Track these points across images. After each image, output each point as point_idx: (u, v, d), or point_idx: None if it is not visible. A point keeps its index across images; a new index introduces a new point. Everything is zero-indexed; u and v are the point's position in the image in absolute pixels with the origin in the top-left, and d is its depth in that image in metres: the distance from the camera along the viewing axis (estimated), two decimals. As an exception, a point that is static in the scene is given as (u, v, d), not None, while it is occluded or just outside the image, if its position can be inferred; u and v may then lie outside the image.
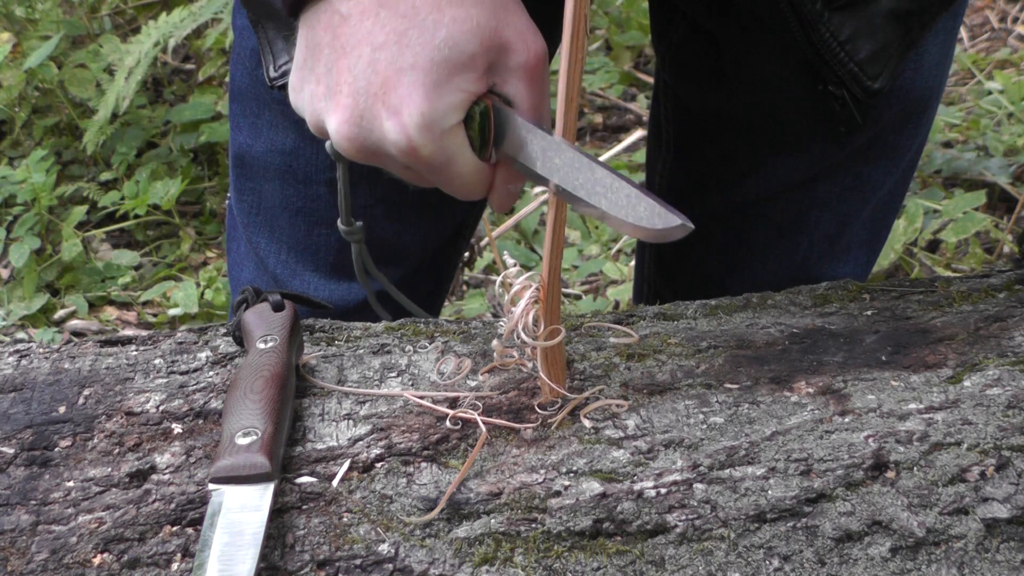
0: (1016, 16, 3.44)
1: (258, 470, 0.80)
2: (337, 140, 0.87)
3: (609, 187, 0.83)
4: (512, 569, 0.79)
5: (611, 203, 0.83)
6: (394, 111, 0.84)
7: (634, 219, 0.83)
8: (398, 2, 0.83)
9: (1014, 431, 0.87)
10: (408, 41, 0.83)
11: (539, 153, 0.86)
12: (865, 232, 1.33)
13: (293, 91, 0.90)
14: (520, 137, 0.86)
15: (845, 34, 1.08)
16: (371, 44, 0.83)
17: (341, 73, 0.85)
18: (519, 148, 0.87)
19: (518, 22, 0.86)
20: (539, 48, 0.87)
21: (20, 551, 0.80)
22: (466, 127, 0.86)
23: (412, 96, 0.83)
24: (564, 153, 0.84)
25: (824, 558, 0.80)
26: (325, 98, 0.86)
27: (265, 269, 1.28)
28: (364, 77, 0.84)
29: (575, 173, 0.84)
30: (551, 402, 0.92)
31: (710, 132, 1.30)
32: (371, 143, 0.86)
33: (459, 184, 0.89)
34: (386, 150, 0.86)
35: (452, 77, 0.84)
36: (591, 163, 0.84)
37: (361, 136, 0.86)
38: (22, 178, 2.64)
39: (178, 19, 2.70)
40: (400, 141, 0.85)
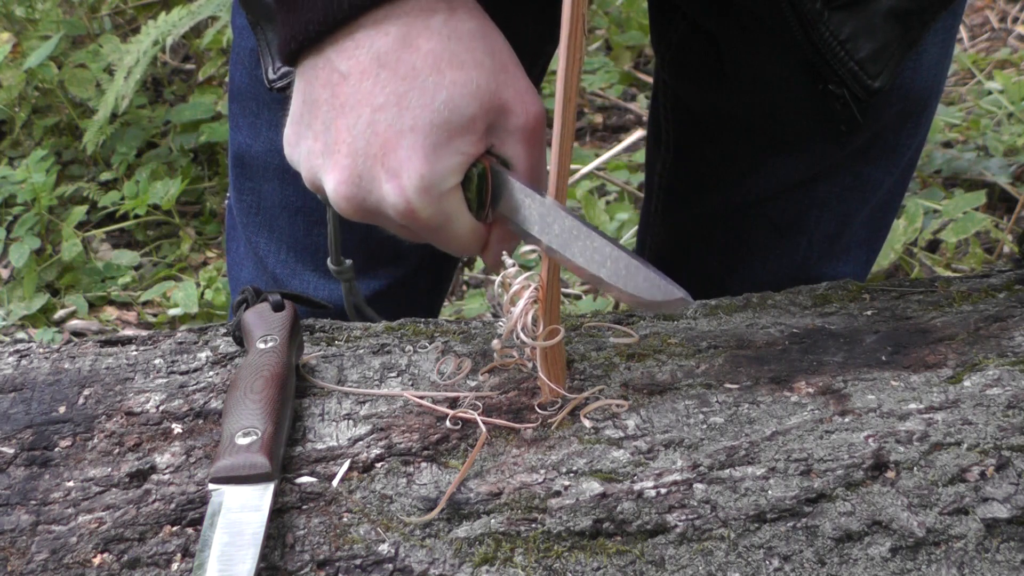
0: (1016, 16, 3.44)
1: (258, 470, 0.80)
2: (334, 199, 0.87)
3: (608, 256, 0.83)
4: (512, 569, 0.79)
5: (610, 272, 0.84)
6: (393, 173, 0.84)
7: (633, 289, 0.83)
8: (398, 63, 0.83)
9: (1014, 431, 0.87)
10: (408, 103, 0.83)
11: (536, 218, 0.86)
12: (865, 231, 1.33)
13: (288, 145, 0.90)
14: (517, 200, 0.87)
15: (845, 33, 1.08)
16: (371, 105, 0.83)
17: (340, 132, 0.84)
18: (515, 211, 0.87)
19: (517, 84, 0.86)
20: (538, 110, 0.87)
21: (20, 551, 0.80)
22: (463, 188, 0.87)
23: (411, 159, 0.83)
24: (562, 220, 0.85)
25: (824, 558, 0.80)
26: (322, 156, 0.86)
27: (265, 269, 1.29)
28: (363, 138, 0.84)
29: (573, 240, 0.84)
30: (551, 402, 0.92)
31: (710, 132, 1.30)
32: (369, 204, 0.86)
33: (455, 243, 0.90)
34: (384, 211, 0.86)
35: (451, 140, 0.84)
36: (589, 231, 0.84)
37: (359, 197, 0.86)
38: (22, 178, 2.64)
39: (177, 18, 2.71)
40: (399, 204, 0.85)
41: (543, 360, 0.91)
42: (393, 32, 0.82)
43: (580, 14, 0.80)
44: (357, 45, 0.83)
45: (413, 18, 0.83)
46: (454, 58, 0.83)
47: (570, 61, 0.81)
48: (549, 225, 0.85)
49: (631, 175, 2.74)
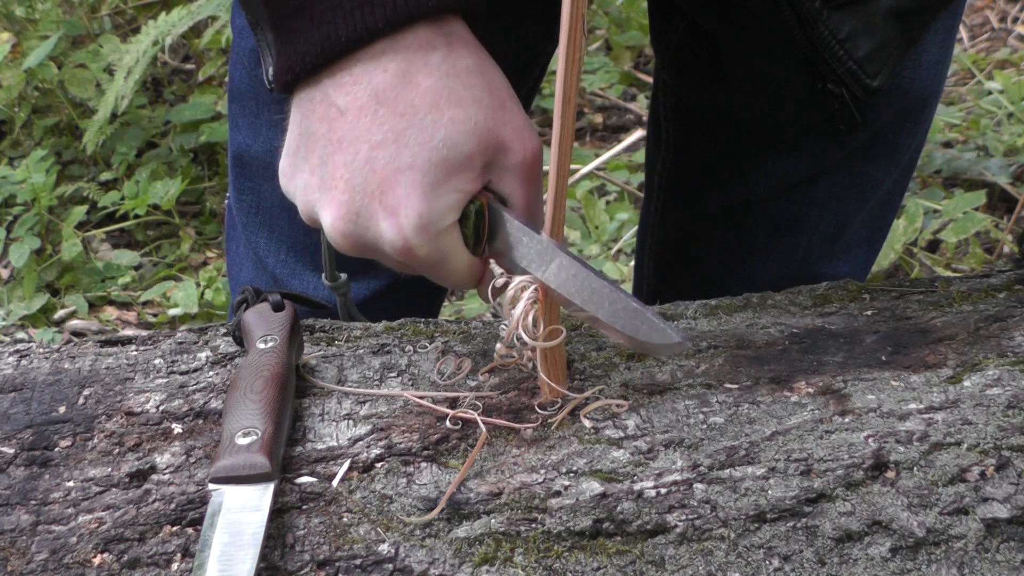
0: (1016, 16, 3.44)
1: (258, 470, 0.80)
2: (332, 235, 0.87)
3: (607, 297, 0.84)
4: (512, 569, 0.79)
5: (608, 314, 0.84)
6: (391, 211, 0.84)
7: (632, 332, 0.84)
8: (396, 100, 0.82)
9: (1014, 431, 0.87)
10: (406, 141, 0.82)
11: (534, 256, 0.86)
12: (865, 231, 1.33)
13: (284, 176, 0.89)
14: (514, 238, 0.87)
15: (844, 32, 1.08)
16: (369, 142, 0.83)
17: (337, 168, 0.84)
18: (512, 248, 0.87)
19: (515, 120, 0.86)
20: (535, 147, 0.87)
21: (20, 551, 0.80)
22: (460, 224, 0.87)
23: (410, 197, 0.83)
24: (559, 259, 0.85)
25: (824, 558, 0.80)
26: (319, 190, 0.86)
27: (264, 269, 1.28)
28: (361, 175, 0.83)
29: (571, 280, 0.85)
30: (551, 402, 0.92)
31: (710, 131, 1.30)
32: (366, 241, 0.86)
33: (451, 278, 0.90)
34: (381, 248, 0.86)
35: (450, 178, 0.84)
36: (588, 272, 0.84)
37: (356, 233, 0.86)
38: (22, 178, 2.64)
39: (177, 18, 2.71)
40: (396, 241, 0.85)
41: (543, 360, 0.91)
42: (392, 68, 0.82)
43: (580, 14, 0.80)
44: (355, 80, 0.83)
45: (412, 54, 0.82)
46: (452, 95, 0.83)
47: (569, 61, 0.81)
48: (547, 264, 0.86)
49: (631, 175, 2.74)
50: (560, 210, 0.87)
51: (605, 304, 0.84)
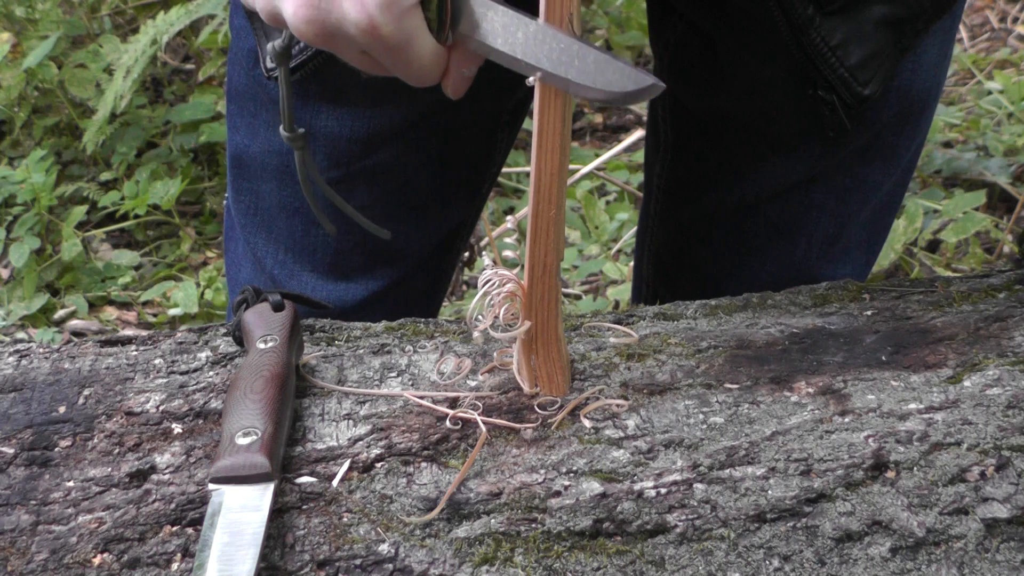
0: (1016, 16, 3.44)
1: (258, 470, 0.80)
2: (295, 24, 0.86)
3: (575, 54, 0.82)
4: (512, 569, 0.79)
5: (578, 71, 0.82)
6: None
7: (604, 84, 0.82)
8: None
9: (1014, 431, 0.87)
10: None
11: (499, 29, 0.85)
12: (864, 233, 1.33)
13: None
14: (478, 14, 0.86)
15: (836, 39, 1.08)
16: None
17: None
18: (477, 26, 0.86)
19: None
20: None
21: (20, 551, 0.80)
22: (424, 8, 0.86)
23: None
24: (525, 26, 0.84)
25: (824, 558, 0.80)
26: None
27: (263, 269, 1.28)
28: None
29: (537, 45, 0.83)
30: (551, 402, 0.92)
31: (708, 133, 1.30)
32: (330, 24, 0.86)
33: (416, 68, 0.89)
34: (345, 30, 0.86)
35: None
36: (555, 32, 0.83)
37: (320, 18, 0.85)
38: (22, 178, 2.64)
39: (175, 17, 2.71)
40: (361, 20, 0.84)
41: (524, 354, 0.91)
42: None
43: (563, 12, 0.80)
44: None
45: None
46: None
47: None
48: (513, 34, 0.85)
49: (631, 175, 2.74)
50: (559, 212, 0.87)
51: (575, 62, 0.82)
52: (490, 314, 0.89)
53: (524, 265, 0.90)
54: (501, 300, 0.89)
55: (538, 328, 0.90)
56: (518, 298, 0.89)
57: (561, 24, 0.80)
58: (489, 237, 2.27)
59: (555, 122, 0.83)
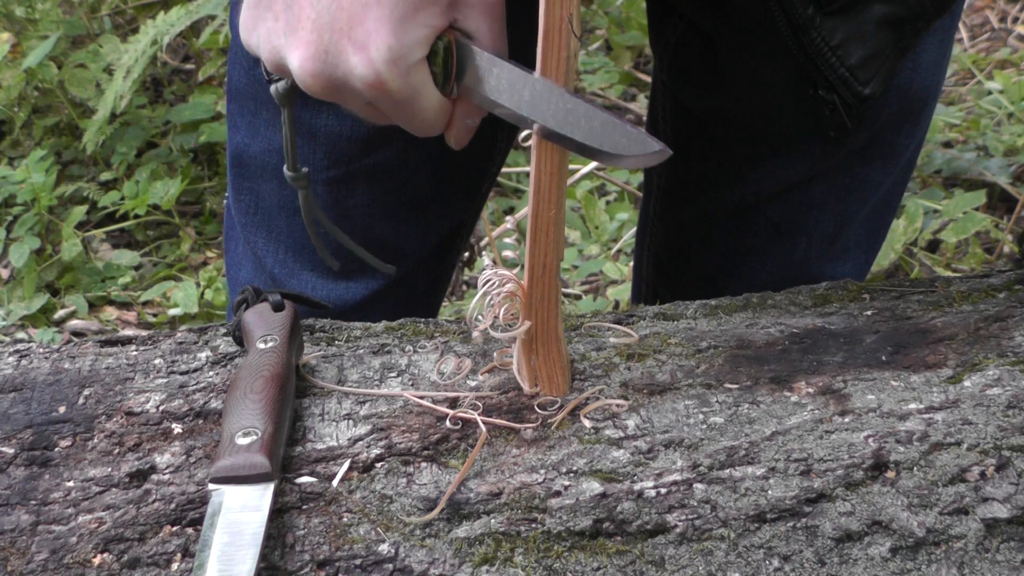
0: (1016, 16, 3.45)
1: (258, 470, 0.80)
2: (301, 76, 0.87)
3: (583, 116, 0.83)
4: (512, 569, 0.79)
5: (586, 133, 0.83)
6: (361, 46, 0.84)
7: (610, 147, 0.83)
8: None
9: (1014, 431, 0.87)
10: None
11: (505, 85, 0.86)
12: (863, 232, 1.33)
13: (246, 30, 0.90)
14: (483, 70, 0.86)
15: (837, 39, 1.08)
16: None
17: (303, 9, 0.84)
18: (483, 81, 0.87)
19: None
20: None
21: (20, 551, 0.80)
22: (429, 62, 0.86)
23: (379, 31, 0.83)
24: (532, 84, 0.84)
25: (824, 558, 0.80)
26: (285, 35, 0.86)
27: (263, 269, 1.28)
28: (328, 13, 0.84)
29: (544, 103, 0.83)
30: (551, 402, 0.92)
31: (708, 133, 1.29)
32: (336, 78, 0.86)
33: (420, 120, 0.89)
34: (352, 85, 0.86)
35: (417, 12, 0.84)
36: (561, 92, 0.83)
37: (327, 72, 0.86)
38: (22, 178, 2.64)
39: (175, 17, 2.71)
40: (368, 76, 0.85)
41: (524, 354, 0.91)
42: None
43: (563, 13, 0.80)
44: None
45: None
46: None
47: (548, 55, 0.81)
48: (519, 92, 0.85)
49: (631, 175, 2.74)
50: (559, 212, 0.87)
51: (582, 123, 0.83)
52: (490, 314, 0.89)
53: (524, 265, 0.90)
54: (501, 300, 0.89)
55: (538, 328, 0.90)
56: (518, 298, 0.89)
57: (561, 25, 0.80)
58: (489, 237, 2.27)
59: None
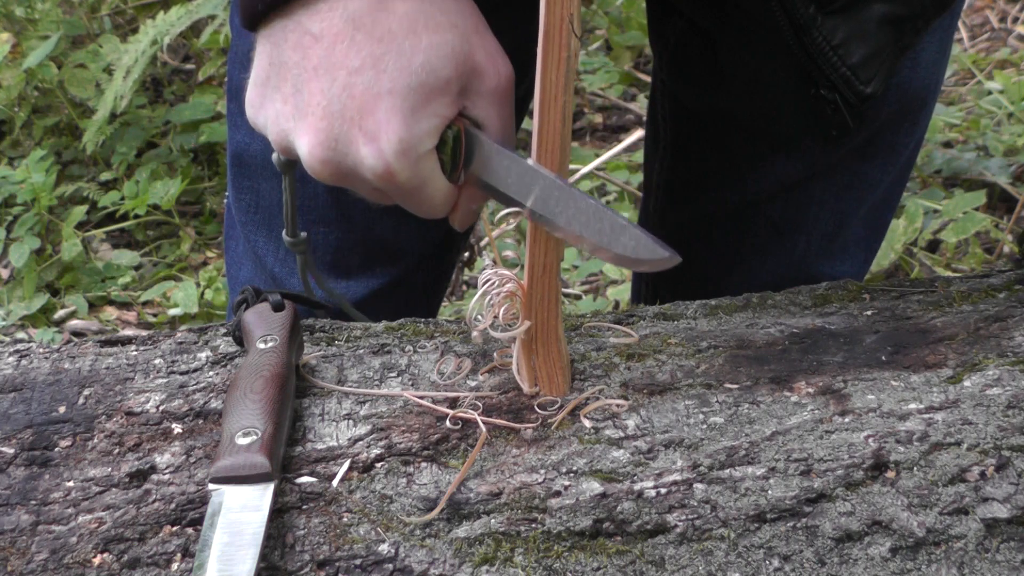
0: (1016, 16, 3.45)
1: (258, 470, 0.80)
2: (309, 162, 0.86)
3: (591, 214, 0.83)
4: (512, 569, 0.79)
5: (594, 232, 0.84)
6: (371, 136, 0.84)
7: (619, 249, 0.83)
8: (374, 25, 0.82)
9: (1014, 431, 0.87)
10: (385, 66, 0.83)
11: (514, 179, 0.86)
12: (863, 230, 1.33)
13: (252, 107, 0.89)
14: (492, 159, 0.87)
15: (838, 38, 1.08)
16: (346, 68, 0.83)
17: (313, 95, 0.84)
18: (490, 170, 0.87)
19: (488, 45, 0.87)
20: (508, 71, 0.88)
21: (20, 551, 0.80)
22: (438, 150, 0.87)
23: (390, 122, 0.83)
24: (540, 177, 0.85)
25: (824, 558, 0.80)
26: (294, 118, 0.86)
27: (263, 268, 1.28)
28: (339, 101, 0.83)
29: (553, 200, 0.84)
30: (551, 402, 0.92)
31: (707, 132, 1.30)
32: (345, 167, 0.86)
33: (427, 205, 0.90)
34: (361, 174, 0.86)
35: (429, 102, 0.84)
36: (569, 189, 0.84)
37: (336, 160, 0.86)
38: (22, 178, 2.64)
39: (175, 17, 2.71)
40: (377, 166, 0.85)
41: (524, 354, 0.91)
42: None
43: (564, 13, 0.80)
44: (330, 7, 0.83)
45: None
46: (429, 20, 0.83)
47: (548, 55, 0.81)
48: (528, 184, 0.85)
49: (631, 175, 2.74)
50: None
51: (591, 223, 0.84)
52: (490, 314, 0.89)
53: (524, 265, 0.90)
54: (501, 300, 0.89)
55: (538, 328, 0.90)
56: (518, 298, 0.89)
57: (561, 25, 0.80)
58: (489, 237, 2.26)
59: (555, 122, 0.83)
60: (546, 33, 0.81)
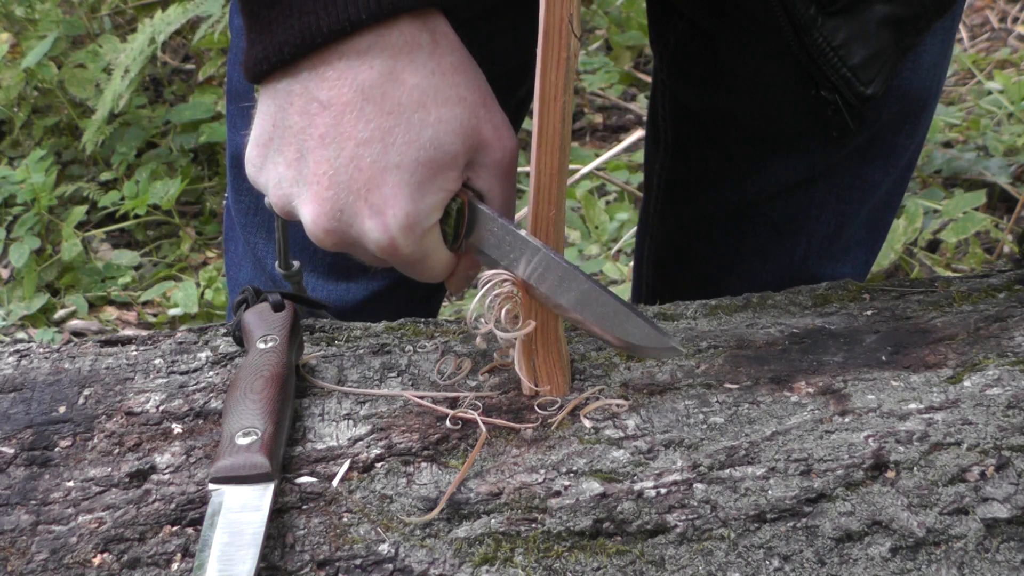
0: (1016, 16, 3.45)
1: (258, 470, 0.80)
2: (313, 231, 0.86)
3: (595, 300, 0.85)
4: (512, 569, 0.79)
5: (594, 314, 0.85)
6: (377, 211, 0.83)
7: (620, 334, 0.85)
8: (383, 98, 0.82)
9: (1014, 431, 0.87)
10: (393, 139, 0.82)
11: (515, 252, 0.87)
12: (863, 232, 1.33)
13: (252, 166, 0.88)
14: (493, 232, 0.87)
15: (839, 39, 1.08)
16: (354, 139, 0.82)
17: (319, 164, 0.83)
18: (490, 243, 0.88)
19: (495, 119, 0.87)
20: (513, 144, 0.88)
21: (20, 551, 0.80)
22: (441, 223, 0.87)
23: (397, 197, 0.83)
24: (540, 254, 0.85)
25: (824, 558, 0.80)
26: (297, 185, 0.85)
27: (263, 269, 1.28)
28: (346, 172, 0.83)
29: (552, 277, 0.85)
30: (551, 402, 0.92)
31: (708, 132, 1.30)
32: (350, 238, 0.86)
33: (427, 274, 0.90)
34: (364, 246, 0.86)
35: (436, 177, 0.84)
36: (575, 272, 0.85)
37: (340, 230, 0.85)
38: (22, 178, 2.64)
39: (173, 16, 2.71)
40: (382, 240, 0.85)
41: (524, 353, 0.91)
42: (378, 65, 0.81)
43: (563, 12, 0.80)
44: (339, 76, 0.82)
45: (398, 50, 0.82)
46: (439, 94, 0.83)
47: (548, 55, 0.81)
48: (527, 261, 0.86)
49: (631, 175, 2.74)
50: (559, 212, 0.87)
51: (594, 307, 0.84)
52: (492, 316, 0.89)
53: None
54: (501, 301, 0.89)
55: (538, 328, 0.90)
56: (517, 299, 0.89)
57: (561, 25, 0.80)
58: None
59: (555, 122, 0.83)
60: (546, 33, 0.81)
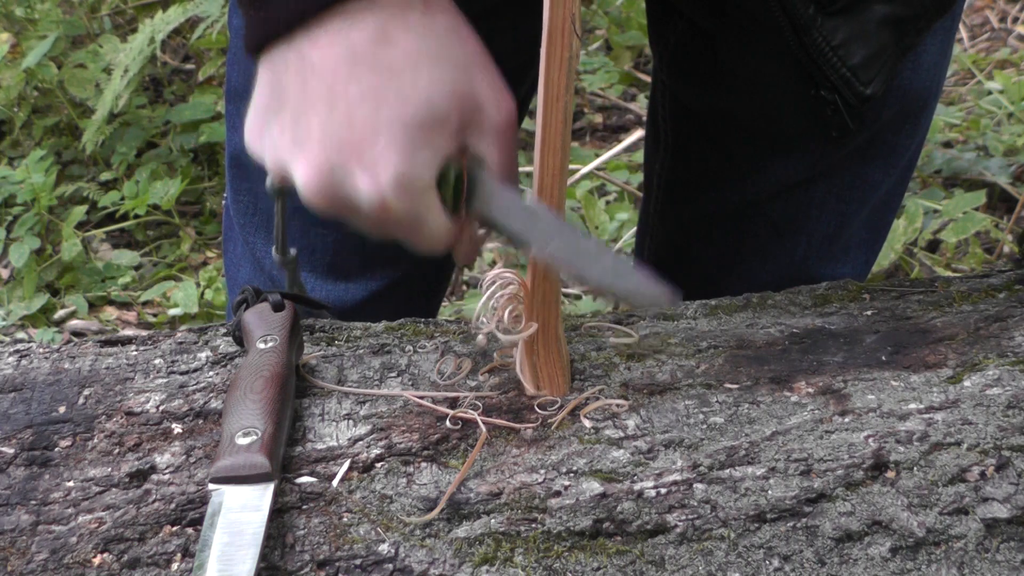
0: (1016, 16, 3.45)
1: (258, 470, 0.80)
2: (305, 192, 0.86)
3: (593, 255, 0.85)
4: (512, 569, 0.79)
5: (596, 270, 0.85)
6: (369, 168, 0.83)
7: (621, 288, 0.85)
8: (375, 58, 0.82)
9: (1014, 431, 0.87)
10: (385, 99, 0.82)
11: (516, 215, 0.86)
12: (864, 232, 1.33)
13: (251, 134, 0.89)
14: (493, 197, 0.87)
15: (838, 39, 1.08)
16: (345, 99, 0.82)
17: (311, 125, 0.84)
18: (491, 208, 0.87)
19: (491, 80, 0.86)
20: (510, 107, 0.87)
21: (20, 551, 0.80)
22: (439, 187, 0.86)
23: (388, 154, 0.83)
24: (541, 217, 0.85)
25: (824, 558, 0.80)
26: (291, 147, 0.85)
27: (262, 269, 1.28)
28: (337, 132, 0.83)
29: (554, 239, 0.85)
30: (551, 402, 0.92)
31: (708, 132, 1.30)
32: (342, 198, 0.85)
33: (425, 241, 0.89)
34: (357, 206, 0.86)
35: (428, 136, 0.83)
36: (572, 230, 0.85)
37: (332, 191, 0.85)
38: (22, 178, 2.64)
39: (172, 16, 2.71)
40: (373, 199, 0.84)
41: (526, 355, 0.91)
42: (370, 26, 0.82)
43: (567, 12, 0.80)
44: (331, 38, 0.82)
45: (390, 14, 0.82)
46: (431, 55, 0.83)
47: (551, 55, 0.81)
48: (529, 224, 0.86)
49: (631, 175, 2.74)
50: (559, 212, 0.87)
51: (593, 263, 0.84)
52: (494, 316, 0.89)
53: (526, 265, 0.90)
54: (505, 302, 0.89)
55: (539, 328, 0.90)
56: (521, 299, 0.89)
57: (564, 25, 0.80)
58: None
59: (556, 122, 0.83)
60: (549, 34, 0.81)
